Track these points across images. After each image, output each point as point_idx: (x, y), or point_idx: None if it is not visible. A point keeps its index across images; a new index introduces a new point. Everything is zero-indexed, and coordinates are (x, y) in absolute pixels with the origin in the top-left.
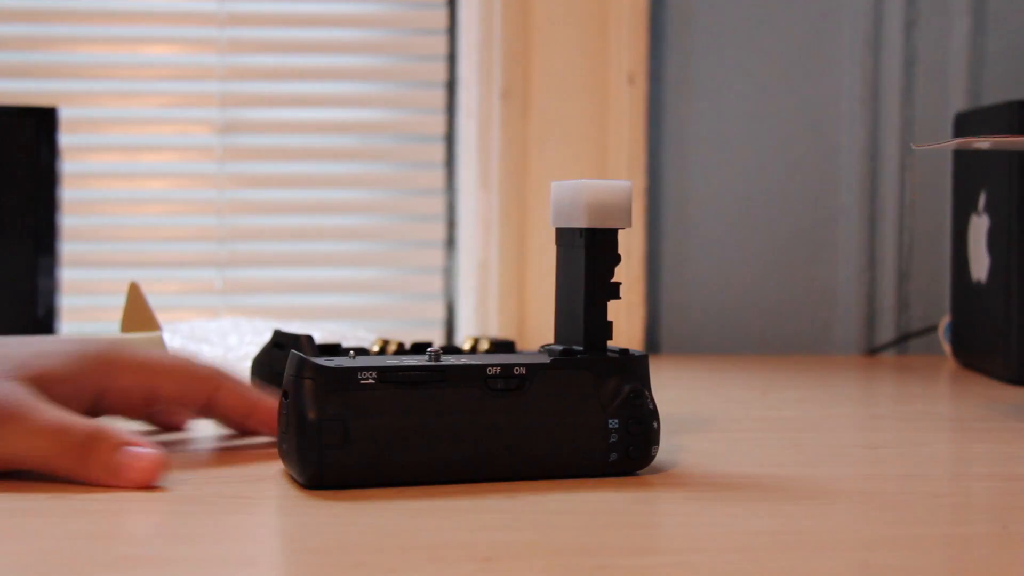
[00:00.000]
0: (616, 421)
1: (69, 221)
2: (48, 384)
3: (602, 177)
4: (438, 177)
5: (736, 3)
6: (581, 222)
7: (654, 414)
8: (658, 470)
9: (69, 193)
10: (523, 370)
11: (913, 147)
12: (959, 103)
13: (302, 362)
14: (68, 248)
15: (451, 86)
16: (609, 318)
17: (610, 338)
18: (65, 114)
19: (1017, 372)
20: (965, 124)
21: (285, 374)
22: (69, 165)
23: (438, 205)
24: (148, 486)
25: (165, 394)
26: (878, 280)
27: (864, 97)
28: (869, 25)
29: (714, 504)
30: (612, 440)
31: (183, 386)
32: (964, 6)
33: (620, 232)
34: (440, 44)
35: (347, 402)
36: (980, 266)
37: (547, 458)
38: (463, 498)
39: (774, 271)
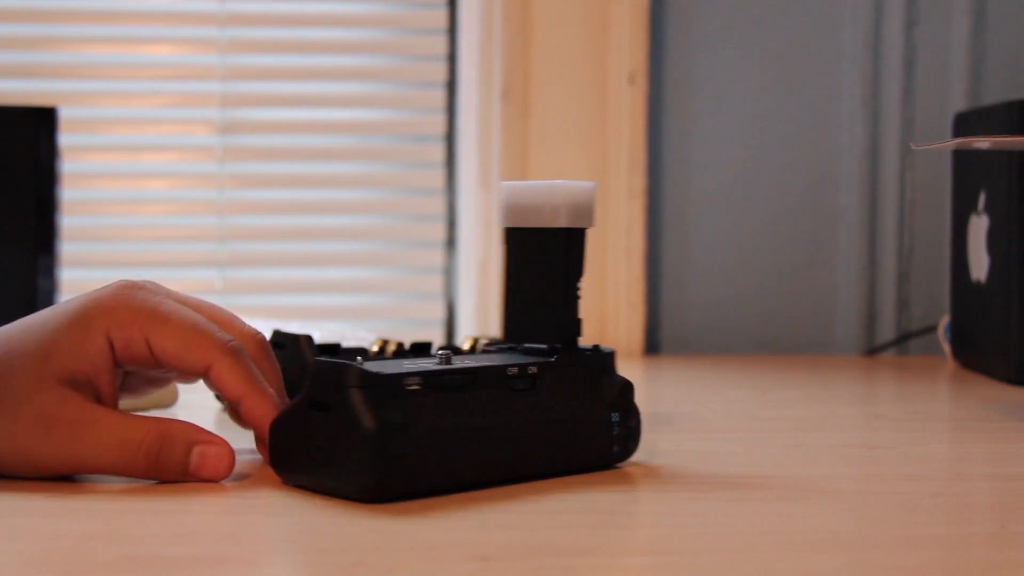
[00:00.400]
0: (617, 415)
1: (69, 221)
2: (79, 369)
3: (602, 178)
4: (438, 177)
5: (736, 3)
6: (560, 222)
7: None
8: (658, 470)
9: (69, 193)
10: (535, 369)
11: (913, 147)
12: (959, 103)
13: (345, 369)
14: (68, 248)
15: (451, 86)
16: (609, 316)
17: (581, 335)
18: (65, 114)
19: (1017, 372)
20: (965, 124)
21: (314, 383)
22: (69, 165)
23: (438, 205)
24: (221, 479)
25: (162, 351)
26: (878, 280)
27: (864, 97)
28: (869, 25)
29: (714, 504)
30: (615, 433)
31: (180, 348)
32: (964, 6)
33: (620, 232)
34: (440, 44)
35: (402, 409)
36: (980, 266)
37: (562, 454)
38: (462, 498)
39: (774, 271)
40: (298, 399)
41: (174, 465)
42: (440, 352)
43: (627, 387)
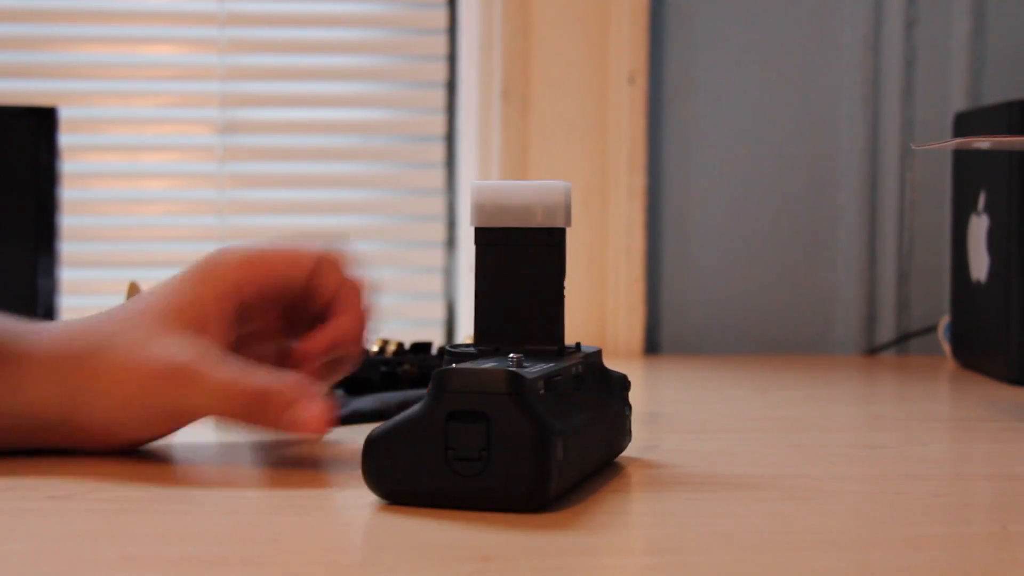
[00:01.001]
0: (628, 409)
1: (69, 221)
2: (192, 322)
3: (602, 178)
4: (438, 177)
5: (736, 3)
6: (557, 222)
7: None
8: (658, 470)
9: (69, 193)
10: (581, 369)
11: (913, 147)
12: (959, 103)
13: (499, 375)
14: (68, 248)
15: (451, 86)
16: (609, 316)
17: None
18: (65, 114)
19: (1017, 372)
20: (965, 124)
21: (454, 387)
22: (69, 165)
23: (438, 205)
24: (321, 435)
25: (271, 268)
26: (878, 280)
27: (864, 97)
28: (869, 25)
29: (714, 504)
30: (628, 426)
31: (287, 256)
32: (964, 6)
33: (620, 232)
34: (440, 44)
35: (553, 414)
36: (980, 266)
37: (608, 449)
38: None
39: (774, 271)
40: (415, 409)
41: (273, 422)
42: (512, 357)
43: (626, 381)
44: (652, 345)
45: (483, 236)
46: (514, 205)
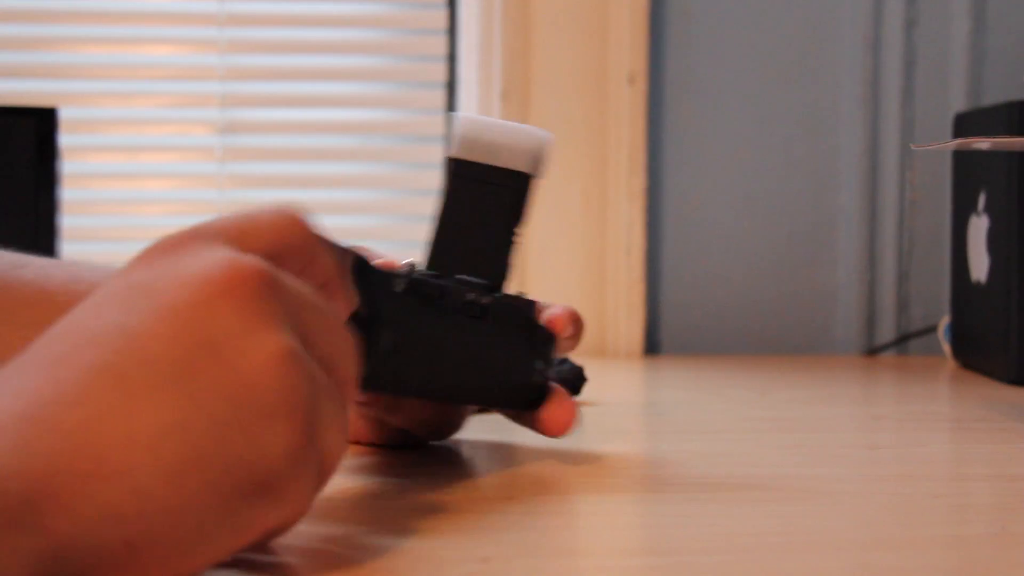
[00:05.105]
0: (541, 363)
1: (69, 221)
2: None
3: (602, 178)
4: (438, 177)
5: (736, 3)
6: (521, 166)
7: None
8: (658, 470)
9: (69, 193)
10: (489, 300)
11: (913, 147)
12: (959, 103)
13: (341, 251)
14: (68, 248)
15: (451, 86)
16: (609, 317)
17: (509, 280)
18: (65, 114)
19: (1017, 372)
20: (965, 124)
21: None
22: (69, 165)
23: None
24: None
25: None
26: (878, 280)
27: (864, 97)
28: (869, 25)
29: (714, 504)
30: (534, 380)
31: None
32: (964, 6)
33: (620, 232)
34: (440, 44)
35: (390, 306)
36: (980, 266)
37: (489, 389)
38: (461, 498)
39: (774, 271)
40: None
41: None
42: (405, 263)
43: (551, 339)
44: (652, 345)
45: (452, 166)
46: (487, 142)
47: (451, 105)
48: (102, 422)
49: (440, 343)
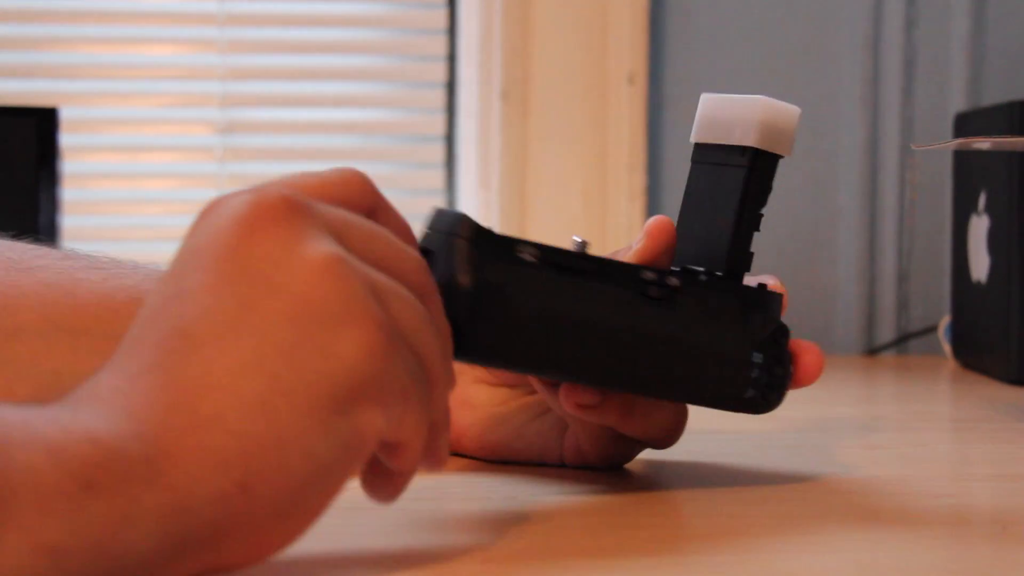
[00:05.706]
0: (760, 356)
1: (69, 221)
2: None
3: (602, 178)
4: (438, 177)
5: (736, 3)
6: (748, 140)
7: (792, 359)
8: (658, 470)
9: (69, 193)
10: (677, 282)
11: (913, 147)
12: (959, 103)
13: (456, 217)
14: (68, 248)
15: (451, 86)
16: None
17: (749, 270)
18: (65, 114)
19: (1017, 372)
20: (965, 124)
21: (427, 225)
22: (69, 165)
23: (438, 205)
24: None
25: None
26: (878, 280)
27: (864, 97)
28: (869, 25)
29: (714, 504)
30: (753, 375)
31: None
32: (964, 6)
33: (620, 232)
34: (440, 44)
35: (507, 275)
36: (980, 266)
37: (686, 380)
38: (461, 498)
39: (774, 271)
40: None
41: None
42: (577, 239)
43: (781, 330)
44: None
45: (696, 152)
46: (720, 120)
47: (451, 105)
48: (184, 378)
49: (587, 321)
